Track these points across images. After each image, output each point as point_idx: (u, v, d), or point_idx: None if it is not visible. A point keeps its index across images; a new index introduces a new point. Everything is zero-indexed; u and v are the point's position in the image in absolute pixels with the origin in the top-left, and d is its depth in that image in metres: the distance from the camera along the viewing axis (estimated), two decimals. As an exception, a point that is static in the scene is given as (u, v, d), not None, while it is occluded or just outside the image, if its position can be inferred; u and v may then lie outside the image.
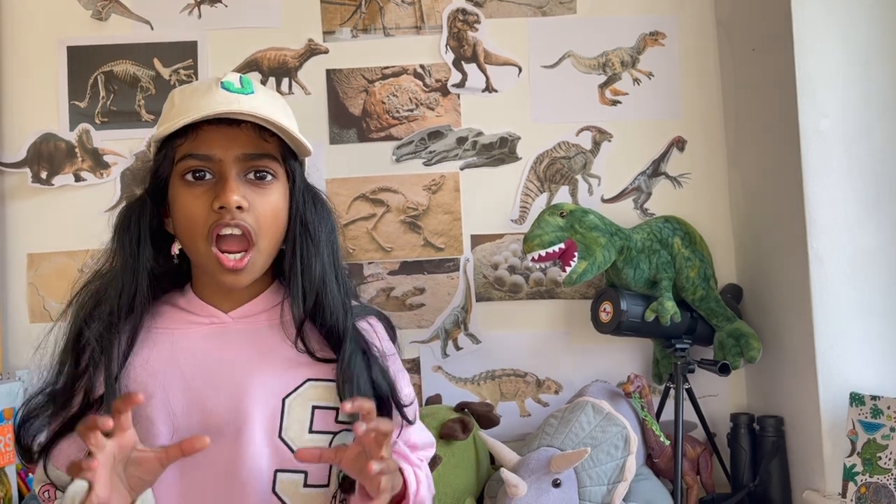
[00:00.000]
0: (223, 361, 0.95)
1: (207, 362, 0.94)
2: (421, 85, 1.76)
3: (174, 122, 0.90)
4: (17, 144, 1.72)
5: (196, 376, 0.93)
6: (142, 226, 0.95)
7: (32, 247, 1.72)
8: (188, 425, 0.91)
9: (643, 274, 1.55)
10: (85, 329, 0.92)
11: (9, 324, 1.70)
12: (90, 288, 0.96)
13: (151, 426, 0.91)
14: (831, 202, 1.42)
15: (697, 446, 1.60)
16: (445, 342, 1.73)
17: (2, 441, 1.47)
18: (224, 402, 0.92)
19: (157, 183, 0.95)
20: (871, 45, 1.44)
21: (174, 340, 0.95)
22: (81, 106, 1.74)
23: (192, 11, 1.76)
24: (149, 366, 0.94)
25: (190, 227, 0.92)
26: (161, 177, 0.94)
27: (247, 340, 0.97)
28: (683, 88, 1.76)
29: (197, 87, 0.95)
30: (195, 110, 0.89)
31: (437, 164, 1.75)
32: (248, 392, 0.93)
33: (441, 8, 1.76)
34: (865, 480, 1.32)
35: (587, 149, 1.76)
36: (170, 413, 0.91)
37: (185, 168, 0.92)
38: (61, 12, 1.75)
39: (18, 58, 1.74)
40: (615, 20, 1.77)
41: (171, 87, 1.74)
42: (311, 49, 1.76)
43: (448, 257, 1.75)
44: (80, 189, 1.73)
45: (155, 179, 0.94)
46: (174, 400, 0.92)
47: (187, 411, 0.92)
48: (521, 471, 1.35)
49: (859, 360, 1.41)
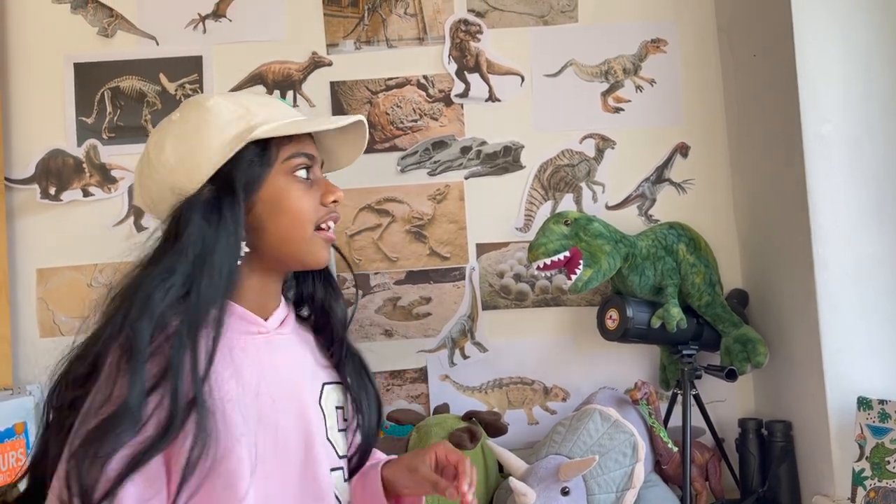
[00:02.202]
0: (279, 370, 0.98)
1: (269, 371, 0.96)
2: (424, 95, 1.77)
3: (287, 124, 0.95)
4: (26, 161, 1.74)
5: (262, 386, 0.94)
6: (237, 220, 0.92)
7: (42, 262, 1.74)
8: (264, 438, 0.92)
9: (649, 281, 1.55)
10: (155, 334, 0.86)
11: (19, 339, 1.71)
12: (148, 288, 0.87)
13: (231, 437, 0.88)
14: (835, 206, 1.42)
15: (706, 452, 1.60)
16: (452, 351, 1.74)
17: (13, 456, 1.48)
18: (292, 411, 0.97)
19: (252, 179, 0.94)
20: (872, 49, 1.44)
21: (231, 348, 0.94)
22: (88, 122, 1.76)
23: (196, 26, 1.78)
24: (219, 374, 0.91)
25: (299, 218, 0.97)
26: (257, 174, 0.94)
27: (288, 348, 1.02)
28: (686, 95, 1.77)
29: (265, 97, 1.03)
30: (290, 116, 0.98)
31: (441, 173, 1.76)
32: (304, 398, 0.99)
33: (443, 19, 1.78)
34: (874, 485, 1.31)
35: (591, 156, 1.76)
36: (246, 424, 0.91)
37: (296, 165, 0.97)
38: (68, 29, 1.77)
39: (26, 75, 1.76)
40: (616, 28, 1.78)
41: (176, 101, 1.75)
42: (315, 62, 1.77)
43: (454, 266, 1.76)
44: (88, 204, 1.75)
45: (249, 176, 0.94)
46: (247, 410, 0.92)
47: (262, 422, 0.93)
48: (530, 479, 1.35)
49: (866, 364, 1.41)
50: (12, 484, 0.99)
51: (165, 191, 0.94)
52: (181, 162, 0.93)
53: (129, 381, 0.82)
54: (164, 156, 0.93)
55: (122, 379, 0.83)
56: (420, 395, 1.73)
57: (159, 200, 0.95)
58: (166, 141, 0.94)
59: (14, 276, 1.72)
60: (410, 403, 1.73)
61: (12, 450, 1.48)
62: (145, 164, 0.96)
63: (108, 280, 0.94)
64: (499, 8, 1.78)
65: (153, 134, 0.98)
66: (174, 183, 0.93)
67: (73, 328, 1.71)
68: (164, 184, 0.94)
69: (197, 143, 0.93)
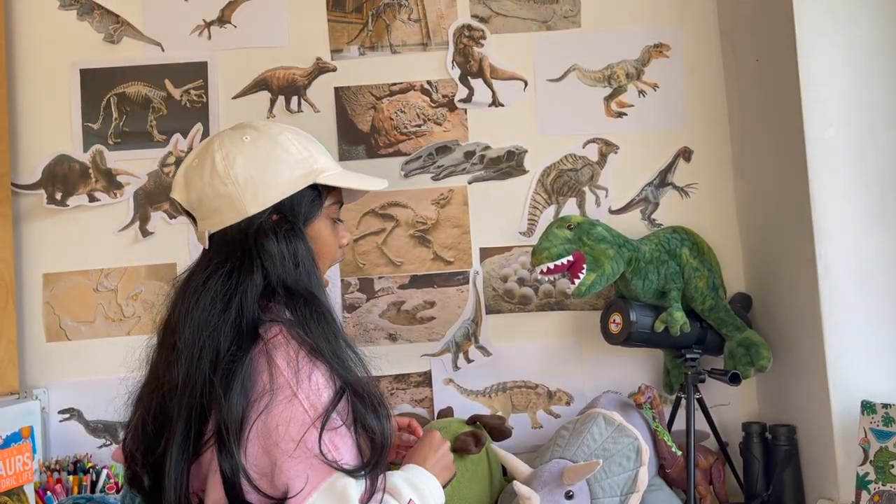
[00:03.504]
0: None
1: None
2: (428, 101, 1.78)
3: (346, 176, 1.13)
4: (32, 166, 1.75)
5: None
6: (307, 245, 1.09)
7: (48, 267, 1.75)
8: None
9: (652, 285, 1.55)
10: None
11: (25, 343, 1.72)
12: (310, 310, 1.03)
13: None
14: (838, 210, 1.43)
15: (710, 456, 1.60)
16: (456, 355, 1.74)
17: (20, 460, 1.49)
18: None
19: (308, 216, 1.09)
20: (874, 52, 1.45)
21: None
22: (95, 127, 1.77)
23: (202, 33, 1.79)
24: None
25: (328, 254, 1.14)
26: (313, 212, 1.10)
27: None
28: (688, 99, 1.78)
29: (314, 141, 1.13)
30: (336, 164, 1.14)
31: (445, 178, 1.77)
32: None
33: (447, 24, 1.79)
34: (878, 489, 1.31)
35: (594, 161, 1.77)
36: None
37: (336, 210, 1.16)
38: (74, 36, 1.78)
39: (32, 81, 1.77)
40: (619, 33, 1.78)
41: (182, 107, 1.77)
42: (320, 67, 1.78)
43: (457, 270, 1.76)
44: (94, 209, 1.76)
45: (308, 212, 1.09)
46: None
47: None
48: (534, 483, 1.35)
49: (870, 367, 1.41)
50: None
51: (223, 199, 1.04)
52: (249, 182, 1.04)
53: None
54: (234, 170, 1.04)
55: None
56: (424, 398, 1.74)
57: (211, 206, 1.05)
58: (237, 158, 1.04)
59: (20, 281, 1.73)
60: (414, 407, 1.73)
61: (19, 454, 1.49)
62: (207, 170, 1.05)
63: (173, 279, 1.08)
64: (502, 13, 1.79)
65: (218, 145, 1.06)
66: (236, 197, 1.03)
67: (79, 332, 1.73)
68: (224, 194, 1.03)
69: (268, 172, 1.05)
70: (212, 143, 1.07)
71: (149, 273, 1.74)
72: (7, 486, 1.45)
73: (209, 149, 1.06)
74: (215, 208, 1.04)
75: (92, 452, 1.67)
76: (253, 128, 1.09)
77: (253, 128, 1.09)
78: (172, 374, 0.98)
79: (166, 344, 1.02)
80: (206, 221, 1.06)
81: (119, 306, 1.74)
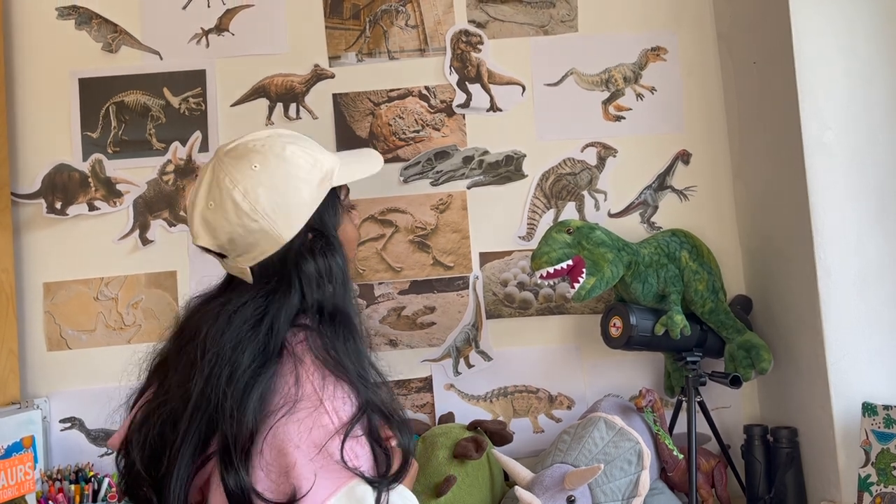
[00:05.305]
0: None
1: None
2: (426, 106, 1.78)
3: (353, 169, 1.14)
4: (32, 176, 1.76)
5: None
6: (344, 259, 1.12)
7: (48, 276, 1.75)
8: None
9: (652, 288, 1.55)
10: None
11: (26, 352, 1.73)
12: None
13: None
14: (837, 213, 1.43)
15: (711, 459, 1.60)
16: (457, 360, 1.74)
17: (21, 469, 1.49)
18: None
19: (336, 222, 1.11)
20: (872, 55, 1.45)
21: None
22: (94, 136, 1.77)
23: (199, 41, 1.79)
24: None
25: (353, 246, 1.19)
26: (340, 217, 1.12)
27: None
28: (686, 102, 1.78)
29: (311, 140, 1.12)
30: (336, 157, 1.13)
31: (444, 183, 1.77)
32: None
33: (444, 30, 1.79)
34: (880, 491, 1.31)
35: (592, 164, 1.77)
36: None
37: (351, 202, 1.19)
38: (72, 45, 1.78)
39: (31, 90, 1.78)
40: (616, 37, 1.79)
41: (180, 115, 1.77)
42: (318, 74, 1.78)
43: (457, 275, 1.76)
44: (94, 218, 1.76)
45: (335, 220, 1.11)
46: None
47: None
48: (536, 488, 1.35)
49: (871, 369, 1.41)
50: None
51: (258, 234, 1.02)
52: (277, 210, 1.02)
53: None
54: (259, 205, 1.01)
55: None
56: (425, 404, 1.74)
57: (245, 243, 1.03)
58: (258, 191, 1.01)
59: (21, 290, 1.73)
60: (415, 413, 1.73)
61: (20, 463, 1.49)
62: (231, 211, 1.01)
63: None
64: (499, 18, 1.79)
65: (230, 181, 1.02)
66: (270, 229, 1.02)
67: (80, 341, 1.73)
68: (257, 230, 1.02)
69: (290, 193, 1.03)
70: (221, 180, 1.02)
71: (149, 281, 1.75)
72: (9, 496, 1.45)
73: (220, 186, 1.02)
74: (251, 244, 1.03)
75: (93, 461, 1.67)
76: (255, 152, 1.04)
77: (255, 152, 1.04)
78: (187, 387, 0.97)
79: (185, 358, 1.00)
80: (245, 257, 1.04)
81: (120, 315, 1.74)
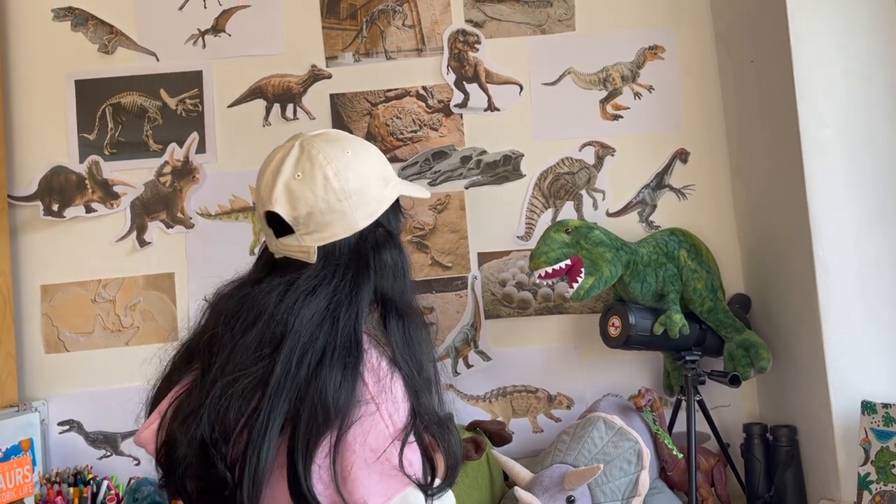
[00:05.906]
0: None
1: None
2: (424, 106, 1.78)
3: (414, 186, 1.18)
4: (29, 178, 1.75)
5: None
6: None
7: (45, 278, 1.74)
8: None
9: (650, 287, 1.55)
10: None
11: (24, 355, 1.72)
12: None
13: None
14: (836, 211, 1.43)
15: (711, 458, 1.60)
16: (456, 360, 1.74)
17: (20, 472, 1.49)
18: None
19: (399, 226, 1.14)
20: (870, 52, 1.45)
21: None
22: (90, 138, 1.77)
23: (196, 42, 1.79)
24: None
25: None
26: (400, 222, 1.15)
27: None
28: (684, 101, 1.78)
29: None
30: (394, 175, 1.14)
31: (442, 183, 1.77)
32: None
33: (441, 30, 1.79)
34: (880, 489, 1.31)
35: (590, 164, 1.77)
36: None
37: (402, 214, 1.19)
38: (68, 47, 1.78)
39: (28, 92, 1.77)
40: (614, 36, 1.78)
41: (177, 116, 1.77)
42: (315, 75, 1.78)
43: (456, 276, 1.76)
44: (91, 220, 1.75)
45: (398, 223, 1.14)
46: None
47: None
48: (535, 488, 1.35)
49: (870, 368, 1.41)
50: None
51: (336, 215, 1.02)
52: (360, 197, 1.04)
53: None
54: (348, 185, 1.02)
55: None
56: (424, 404, 1.73)
57: (322, 220, 1.02)
58: (349, 174, 1.03)
59: (18, 293, 1.73)
60: (415, 413, 1.73)
61: (18, 467, 1.49)
62: (320, 184, 1.01)
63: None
64: (496, 18, 1.79)
65: (324, 158, 1.03)
66: (349, 213, 1.03)
67: (78, 343, 1.72)
68: (338, 210, 1.02)
69: (371, 185, 1.06)
70: (314, 156, 1.02)
71: (147, 283, 1.74)
72: (7, 499, 1.44)
73: (312, 160, 1.02)
74: (326, 223, 1.02)
75: (92, 464, 1.66)
76: (345, 140, 1.08)
77: (345, 140, 1.08)
78: (262, 365, 0.95)
79: (249, 337, 0.98)
80: (313, 236, 1.03)
81: (117, 317, 1.74)
